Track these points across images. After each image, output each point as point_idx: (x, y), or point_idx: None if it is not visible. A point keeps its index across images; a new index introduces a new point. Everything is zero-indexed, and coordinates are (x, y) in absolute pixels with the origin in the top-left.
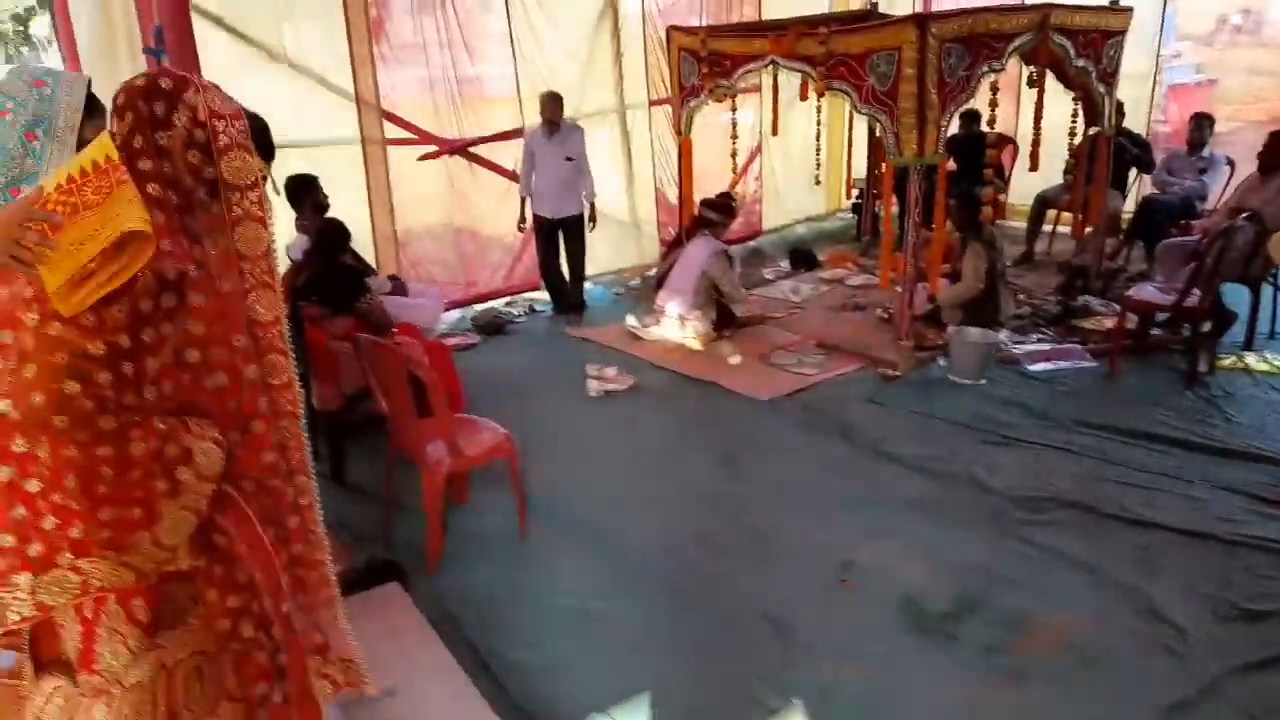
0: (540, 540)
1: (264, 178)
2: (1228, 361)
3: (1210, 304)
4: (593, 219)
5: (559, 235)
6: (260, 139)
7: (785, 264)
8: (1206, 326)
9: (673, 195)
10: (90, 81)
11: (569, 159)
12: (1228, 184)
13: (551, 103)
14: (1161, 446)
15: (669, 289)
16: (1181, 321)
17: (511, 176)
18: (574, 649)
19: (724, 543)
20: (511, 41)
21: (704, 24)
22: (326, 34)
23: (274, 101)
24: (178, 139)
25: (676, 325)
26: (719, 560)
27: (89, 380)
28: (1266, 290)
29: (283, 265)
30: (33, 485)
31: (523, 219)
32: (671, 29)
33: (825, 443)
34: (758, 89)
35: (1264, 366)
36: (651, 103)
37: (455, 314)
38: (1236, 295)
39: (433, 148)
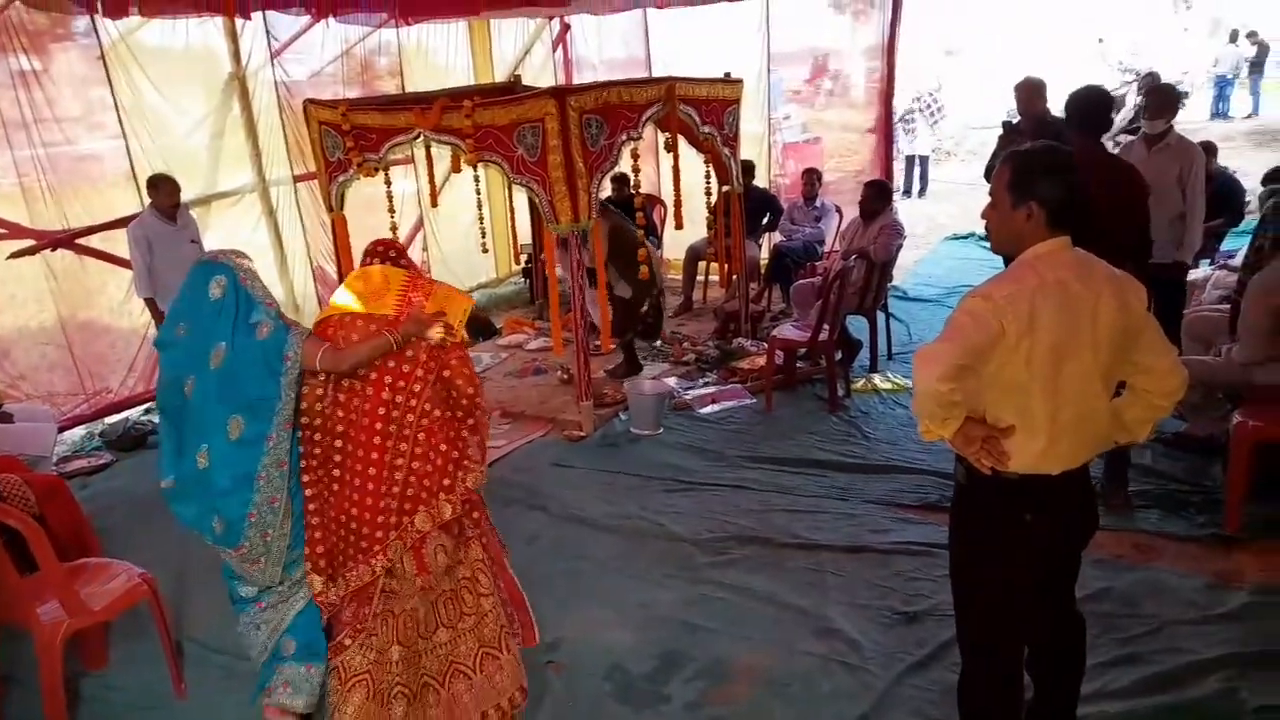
0: (205, 695)
1: None
2: (860, 384)
3: (838, 335)
4: None
5: None
6: None
7: (463, 334)
8: (839, 356)
9: (334, 271)
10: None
11: (194, 241)
12: (839, 228)
13: (167, 186)
14: (818, 470)
15: None
16: (818, 353)
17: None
18: None
19: None
20: (120, 116)
21: (345, 97)
22: None
23: None
24: None
25: None
26: None
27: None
28: (880, 318)
29: None
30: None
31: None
32: (309, 103)
33: (520, 515)
34: (410, 161)
35: (888, 385)
36: (297, 178)
37: (79, 431)
38: (858, 326)
39: (28, 242)
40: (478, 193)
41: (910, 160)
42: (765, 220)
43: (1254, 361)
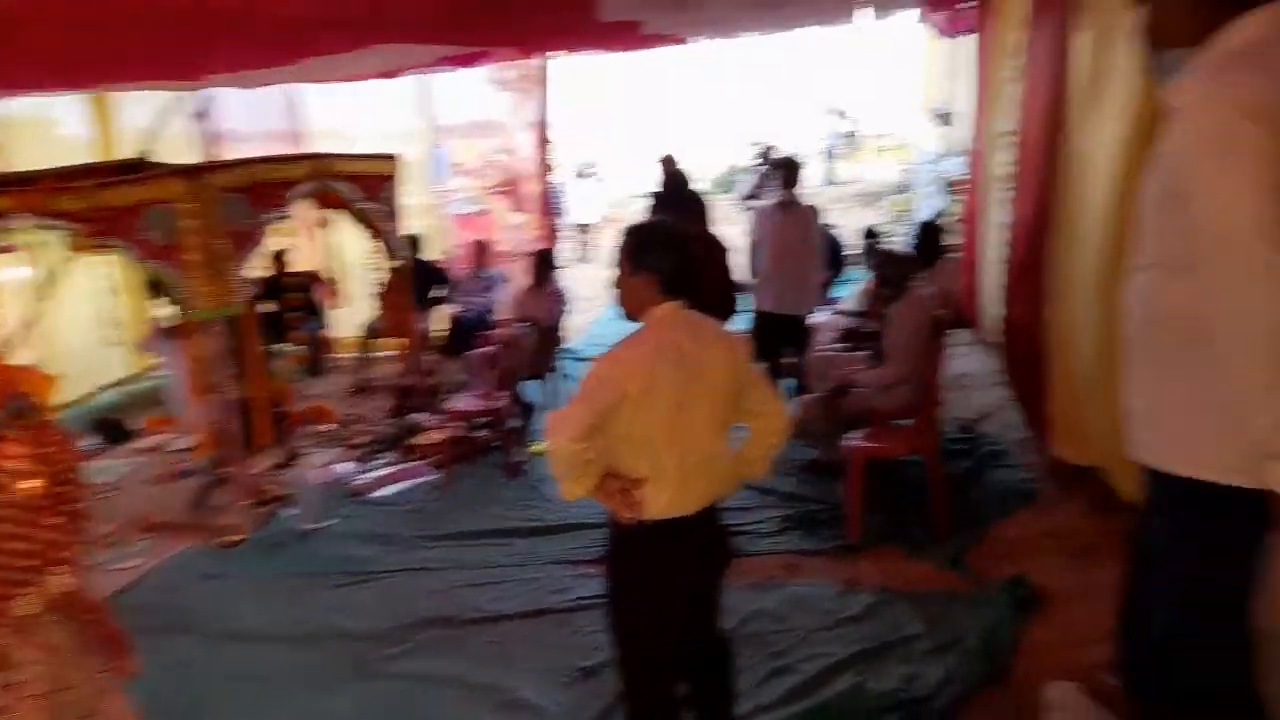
0: None
1: None
2: (537, 447)
3: (514, 401)
4: None
5: None
6: None
7: (93, 441)
8: (516, 421)
9: None
10: None
11: None
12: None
13: None
14: (500, 539)
15: None
16: (496, 421)
17: None
18: None
19: None
20: None
21: None
22: None
23: None
24: None
25: None
26: None
27: None
28: (556, 380)
29: None
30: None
31: None
32: None
33: (165, 642)
34: (11, 249)
35: None
36: None
37: None
38: (535, 390)
39: None
40: (106, 280)
41: (580, 228)
42: (437, 292)
43: (903, 379)
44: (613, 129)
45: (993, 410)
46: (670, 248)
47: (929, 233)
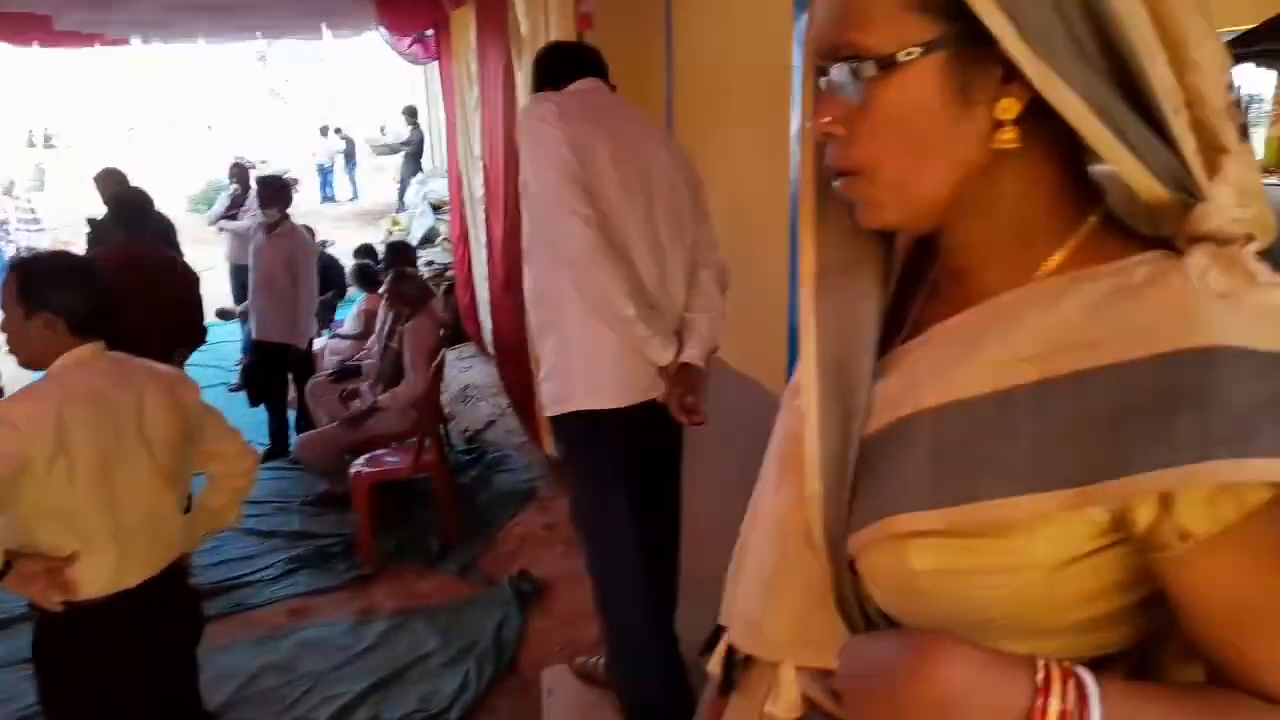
0: None
1: None
2: None
3: None
4: None
5: None
6: None
7: None
8: None
9: None
10: None
11: None
12: None
13: None
14: None
15: None
16: None
17: None
18: None
19: None
20: None
21: None
22: None
23: None
24: None
25: None
26: None
27: None
28: None
29: None
30: None
31: None
32: None
33: None
34: None
35: None
36: None
37: None
38: None
39: None
40: None
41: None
42: None
43: (423, 391)
44: (62, 140)
45: (496, 418)
46: (75, 281)
47: (396, 252)
